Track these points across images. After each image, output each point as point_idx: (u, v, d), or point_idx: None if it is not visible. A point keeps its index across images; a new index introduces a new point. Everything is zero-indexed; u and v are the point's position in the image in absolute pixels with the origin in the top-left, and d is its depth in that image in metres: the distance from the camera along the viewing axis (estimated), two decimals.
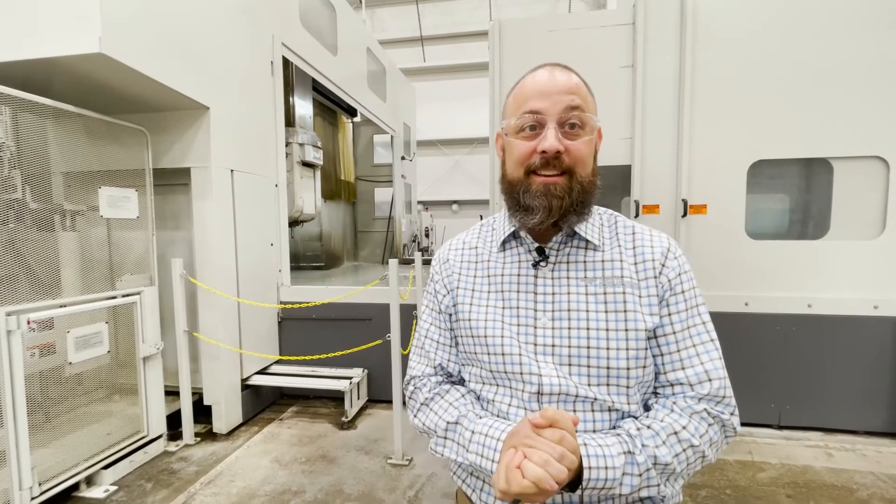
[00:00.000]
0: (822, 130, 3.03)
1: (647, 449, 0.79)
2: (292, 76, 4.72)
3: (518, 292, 0.92)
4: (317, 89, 5.34)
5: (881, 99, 2.94)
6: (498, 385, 0.91)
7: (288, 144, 4.32)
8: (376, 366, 3.75)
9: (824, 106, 3.01)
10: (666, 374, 0.88)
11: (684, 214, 3.19)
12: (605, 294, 0.87)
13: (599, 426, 0.85)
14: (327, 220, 6.44)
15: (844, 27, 2.94)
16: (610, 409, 0.85)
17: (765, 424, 3.23)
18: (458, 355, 1.00)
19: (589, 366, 0.85)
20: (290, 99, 4.71)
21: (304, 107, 5.00)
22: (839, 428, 3.14)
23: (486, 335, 0.91)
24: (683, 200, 3.18)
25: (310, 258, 6.31)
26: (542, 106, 0.84)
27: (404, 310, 3.06)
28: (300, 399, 3.91)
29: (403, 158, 7.49)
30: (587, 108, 0.86)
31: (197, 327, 3.24)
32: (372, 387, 3.83)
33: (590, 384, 0.85)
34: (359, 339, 3.56)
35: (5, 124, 2.29)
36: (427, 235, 9.64)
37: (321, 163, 4.86)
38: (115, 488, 2.61)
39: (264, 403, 3.76)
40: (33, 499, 2.24)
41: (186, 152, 3.14)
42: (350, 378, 3.58)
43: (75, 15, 2.24)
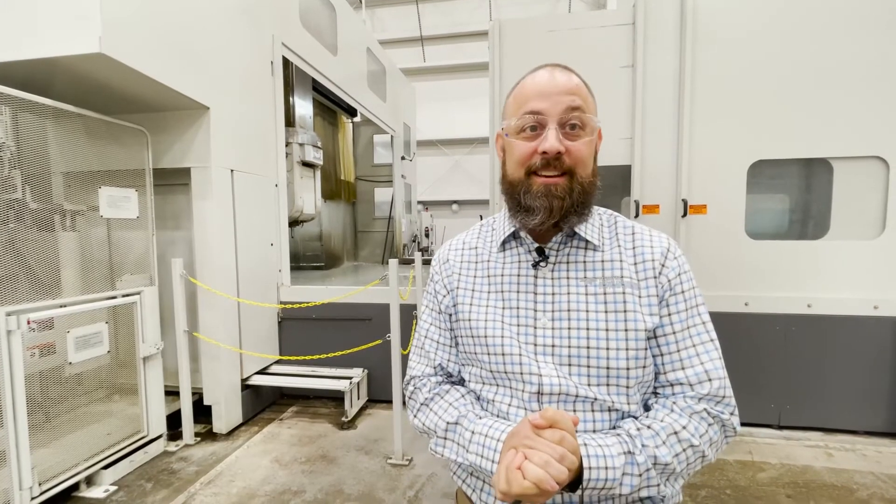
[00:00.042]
0: (822, 130, 3.03)
1: (647, 449, 0.79)
2: (292, 76, 4.72)
3: (518, 292, 0.92)
4: (317, 89, 5.34)
5: (881, 99, 2.94)
6: (498, 385, 0.91)
7: (288, 144, 4.32)
8: (376, 366, 3.75)
9: (824, 106, 3.01)
10: (666, 374, 0.88)
11: (684, 214, 3.19)
12: (604, 294, 0.87)
13: (599, 426, 0.85)
14: (327, 220, 6.44)
15: (844, 27, 2.94)
16: (610, 409, 0.85)
17: (765, 424, 3.23)
18: (458, 355, 1.00)
19: (589, 366, 0.85)
20: (290, 99, 4.72)
21: (304, 107, 5.00)
22: (839, 428, 3.15)
23: (486, 335, 0.91)
24: (683, 200, 3.18)
25: (310, 258, 6.30)
26: (542, 107, 0.84)
27: (404, 310, 3.06)
28: (300, 399, 3.91)
29: (403, 158, 7.49)
30: (587, 108, 0.86)
31: (197, 327, 3.24)
32: (372, 387, 3.83)
33: (590, 384, 0.85)
34: (359, 339, 3.56)
35: (5, 124, 2.29)
36: (427, 235, 9.64)
37: (321, 163, 4.86)
38: (115, 488, 2.61)
39: (264, 403, 3.76)
40: (33, 499, 2.25)
41: (186, 152, 3.14)
42: (350, 378, 3.58)
43: (75, 15, 2.24)
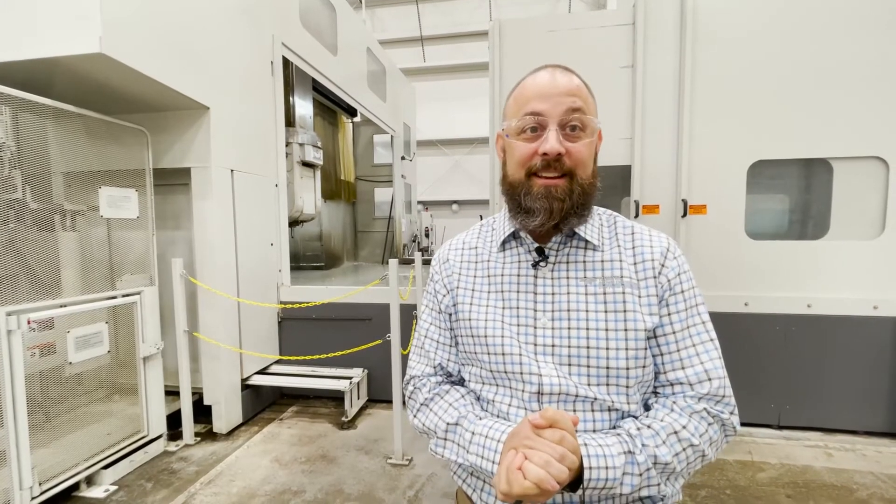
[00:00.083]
0: (822, 130, 3.03)
1: (647, 448, 0.79)
2: (292, 76, 4.72)
3: (518, 292, 0.92)
4: (317, 89, 5.34)
5: (881, 99, 2.94)
6: (498, 385, 0.92)
7: (288, 144, 4.32)
8: (376, 366, 3.75)
9: (824, 106, 3.01)
10: (666, 374, 0.88)
11: (684, 214, 3.19)
12: (604, 294, 0.87)
13: (599, 426, 0.85)
14: (327, 220, 6.44)
15: (844, 27, 2.94)
16: (610, 408, 0.85)
17: (764, 424, 3.23)
18: (458, 355, 1.00)
19: (589, 366, 0.85)
20: (290, 99, 4.72)
21: (304, 107, 5.00)
22: (839, 428, 3.15)
23: (486, 335, 0.91)
24: (683, 200, 3.18)
25: (310, 258, 6.31)
26: (543, 108, 0.84)
27: (404, 310, 3.06)
28: (300, 399, 3.91)
29: (403, 158, 7.49)
30: (588, 110, 0.86)
31: (197, 327, 3.24)
32: (372, 387, 3.83)
33: (589, 384, 0.85)
34: (359, 339, 3.56)
35: (6, 124, 2.29)
36: (427, 235, 9.64)
37: (321, 163, 4.86)
38: (116, 488, 2.61)
39: (264, 403, 3.76)
40: (33, 498, 2.25)
41: (186, 152, 3.14)
42: (350, 378, 3.59)
43: (75, 15, 2.24)
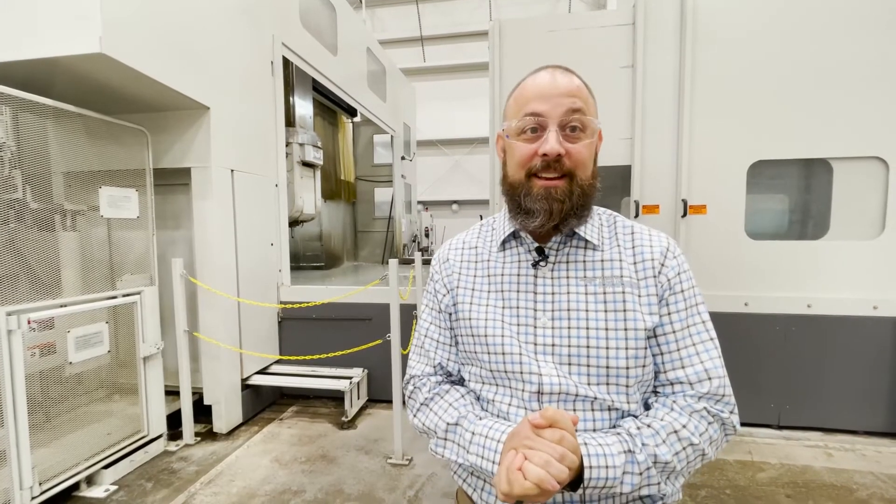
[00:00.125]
0: (821, 130, 3.03)
1: (647, 448, 0.79)
2: (292, 76, 4.73)
3: (518, 292, 0.92)
4: (317, 89, 5.35)
5: (881, 99, 2.94)
6: (498, 385, 0.92)
7: (288, 144, 4.32)
8: (376, 366, 3.75)
9: (824, 106, 3.01)
10: (666, 373, 0.88)
11: (684, 214, 3.19)
12: (604, 293, 0.87)
13: (599, 425, 0.85)
14: (327, 220, 6.44)
15: (844, 27, 2.94)
16: (610, 408, 0.85)
17: (764, 424, 3.23)
18: (458, 355, 1.00)
19: (588, 365, 0.85)
20: (290, 99, 4.72)
21: (304, 107, 5.00)
22: (839, 428, 3.15)
23: (486, 334, 0.91)
24: (683, 200, 3.19)
25: (310, 258, 6.31)
26: (543, 108, 0.84)
27: (404, 310, 3.06)
28: (300, 399, 3.92)
29: (403, 158, 7.49)
30: (588, 110, 0.86)
31: (197, 327, 3.24)
32: (372, 387, 3.83)
33: (589, 383, 0.85)
34: (359, 339, 3.56)
35: (6, 124, 2.29)
36: (427, 235, 9.64)
37: (321, 163, 4.86)
38: (116, 488, 2.61)
39: (264, 403, 3.76)
40: (34, 498, 2.25)
41: (186, 152, 3.14)
42: (350, 378, 3.59)
43: (75, 15, 2.24)
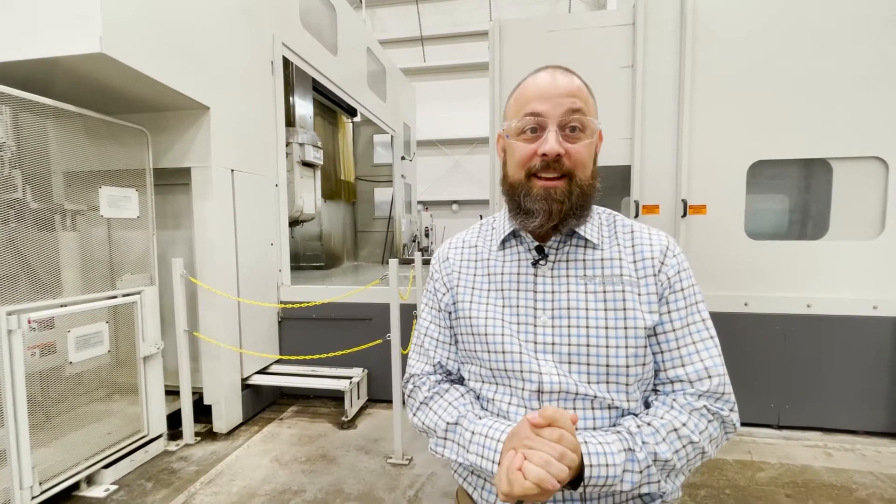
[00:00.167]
0: (821, 130, 3.03)
1: (647, 446, 0.79)
2: (292, 76, 4.73)
3: (518, 291, 0.92)
4: (317, 89, 5.35)
5: (881, 99, 2.94)
6: (498, 384, 0.92)
7: (288, 144, 4.32)
8: (376, 365, 3.75)
9: (824, 106, 3.01)
10: (666, 372, 0.88)
11: (684, 214, 3.19)
12: (604, 292, 0.88)
13: (599, 424, 0.85)
14: (327, 220, 6.44)
15: (844, 27, 2.94)
16: (610, 406, 0.85)
17: (764, 424, 3.23)
18: (458, 353, 1.00)
19: (588, 364, 0.85)
20: (291, 99, 4.72)
21: (304, 107, 5.00)
22: (838, 428, 3.15)
23: (486, 333, 0.91)
24: (683, 201, 3.19)
25: (310, 258, 6.31)
26: (543, 108, 0.85)
27: (404, 309, 3.06)
28: (300, 399, 3.92)
29: (403, 158, 7.50)
30: (588, 110, 0.86)
31: (197, 327, 3.25)
32: (372, 386, 3.83)
33: (589, 382, 0.85)
34: (359, 338, 3.56)
35: (6, 124, 2.29)
36: (427, 235, 9.64)
37: (321, 163, 4.86)
38: (116, 487, 2.61)
39: (264, 403, 3.76)
40: (34, 498, 2.25)
41: (187, 152, 3.14)
42: (350, 378, 3.59)
43: (76, 15, 2.24)
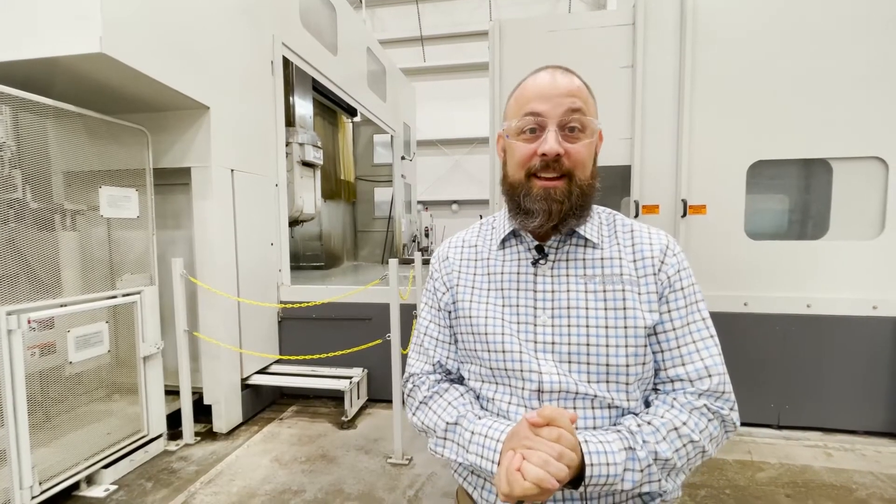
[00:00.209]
0: (821, 130, 3.03)
1: (647, 445, 0.79)
2: (292, 76, 4.73)
3: (518, 290, 0.92)
4: (317, 89, 5.35)
5: (881, 99, 2.94)
6: (498, 383, 0.92)
7: (288, 144, 4.32)
8: (376, 365, 3.75)
9: (824, 106, 3.01)
10: (666, 371, 0.88)
11: (684, 214, 3.19)
12: (604, 292, 0.88)
13: (600, 423, 0.85)
14: (327, 220, 6.44)
15: (844, 27, 2.94)
16: (610, 405, 0.85)
17: (764, 424, 3.23)
18: (458, 353, 1.00)
19: (588, 363, 0.85)
20: (290, 99, 4.72)
21: (304, 106, 5.00)
22: (838, 428, 3.15)
23: (486, 332, 0.91)
24: (683, 201, 3.19)
25: (310, 258, 6.31)
26: (542, 108, 0.85)
27: (404, 309, 3.06)
28: (300, 399, 3.92)
29: (403, 158, 7.50)
30: (588, 110, 0.86)
31: (197, 327, 3.25)
32: (372, 386, 3.83)
33: (589, 381, 0.85)
34: (359, 338, 3.56)
35: (6, 124, 2.29)
36: (427, 235, 9.65)
37: (321, 162, 4.86)
38: (116, 487, 2.61)
39: (264, 403, 3.76)
40: (34, 498, 2.25)
41: (187, 152, 3.14)
42: (350, 378, 3.59)
43: (76, 15, 2.24)
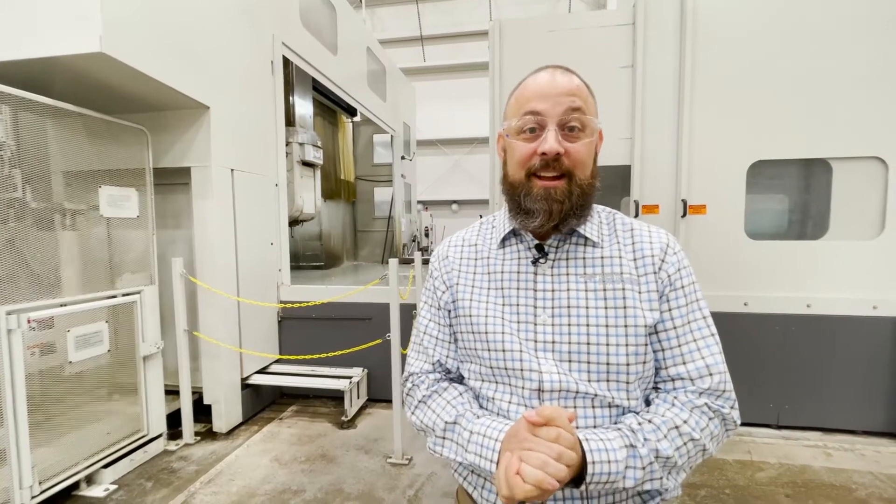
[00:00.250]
0: (821, 130, 3.03)
1: (648, 442, 0.79)
2: (292, 76, 4.72)
3: (518, 289, 0.92)
4: (317, 89, 5.35)
5: (881, 99, 2.94)
6: (498, 382, 0.91)
7: (288, 144, 4.32)
8: (376, 365, 3.75)
9: (824, 106, 3.01)
10: (667, 369, 0.88)
11: (684, 214, 3.19)
12: (604, 290, 0.88)
13: (600, 422, 0.85)
14: (327, 220, 6.44)
15: (844, 27, 2.94)
16: (610, 405, 0.85)
17: (764, 424, 3.24)
18: (458, 351, 1.00)
19: (589, 362, 0.85)
20: (290, 98, 4.72)
21: (304, 106, 5.00)
22: (838, 428, 3.15)
23: (486, 331, 0.91)
24: (683, 200, 3.19)
25: (309, 258, 6.31)
26: (542, 107, 0.85)
27: (404, 309, 3.07)
28: (300, 398, 3.92)
29: (403, 158, 7.50)
30: (588, 110, 0.86)
31: (197, 326, 3.24)
32: (372, 386, 3.83)
33: (590, 380, 0.85)
34: (359, 338, 3.56)
35: (6, 123, 2.29)
36: (427, 235, 9.65)
37: (321, 162, 4.86)
38: (115, 487, 2.61)
39: (264, 403, 3.76)
40: (34, 497, 2.25)
41: (186, 152, 3.14)
42: (350, 377, 3.59)
43: (76, 14, 2.24)
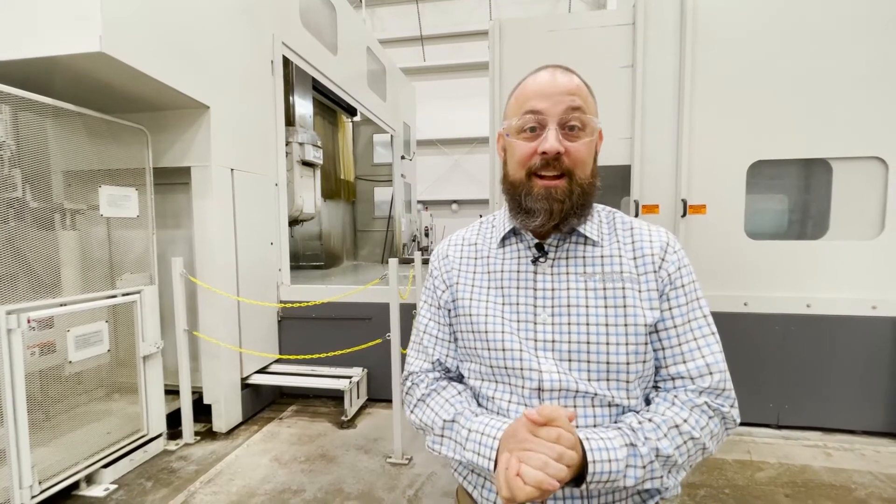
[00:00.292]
0: (821, 130, 3.03)
1: (649, 441, 0.79)
2: (292, 75, 4.73)
3: (518, 288, 0.92)
4: (317, 88, 5.35)
5: (881, 99, 2.94)
6: (497, 381, 0.91)
7: (288, 144, 4.32)
8: (376, 365, 3.75)
9: (824, 106, 3.01)
10: (667, 368, 0.88)
11: (684, 214, 3.19)
12: (604, 289, 0.88)
13: (600, 421, 0.85)
14: (327, 220, 6.44)
15: (844, 27, 2.94)
16: (610, 404, 0.85)
17: (763, 424, 3.24)
18: (458, 351, 1.00)
19: (589, 361, 0.85)
20: (290, 98, 4.72)
21: (304, 106, 5.00)
22: (837, 427, 3.15)
23: (486, 330, 0.91)
24: (683, 200, 3.19)
25: (309, 257, 6.31)
26: (542, 107, 0.85)
27: (404, 309, 3.07)
28: (300, 398, 3.92)
29: (403, 158, 7.50)
30: (588, 109, 0.86)
31: (197, 326, 3.25)
32: (372, 386, 3.83)
33: (590, 379, 0.85)
34: (358, 338, 3.56)
35: (6, 123, 2.29)
36: (427, 235, 9.65)
37: (321, 162, 4.87)
38: (115, 487, 2.61)
39: (264, 402, 3.76)
40: (33, 497, 2.25)
41: (186, 151, 3.14)
42: (350, 377, 3.59)
43: (76, 14, 2.24)
